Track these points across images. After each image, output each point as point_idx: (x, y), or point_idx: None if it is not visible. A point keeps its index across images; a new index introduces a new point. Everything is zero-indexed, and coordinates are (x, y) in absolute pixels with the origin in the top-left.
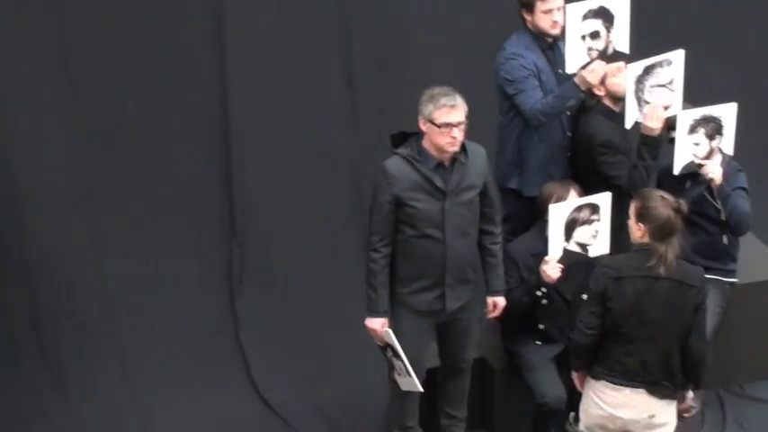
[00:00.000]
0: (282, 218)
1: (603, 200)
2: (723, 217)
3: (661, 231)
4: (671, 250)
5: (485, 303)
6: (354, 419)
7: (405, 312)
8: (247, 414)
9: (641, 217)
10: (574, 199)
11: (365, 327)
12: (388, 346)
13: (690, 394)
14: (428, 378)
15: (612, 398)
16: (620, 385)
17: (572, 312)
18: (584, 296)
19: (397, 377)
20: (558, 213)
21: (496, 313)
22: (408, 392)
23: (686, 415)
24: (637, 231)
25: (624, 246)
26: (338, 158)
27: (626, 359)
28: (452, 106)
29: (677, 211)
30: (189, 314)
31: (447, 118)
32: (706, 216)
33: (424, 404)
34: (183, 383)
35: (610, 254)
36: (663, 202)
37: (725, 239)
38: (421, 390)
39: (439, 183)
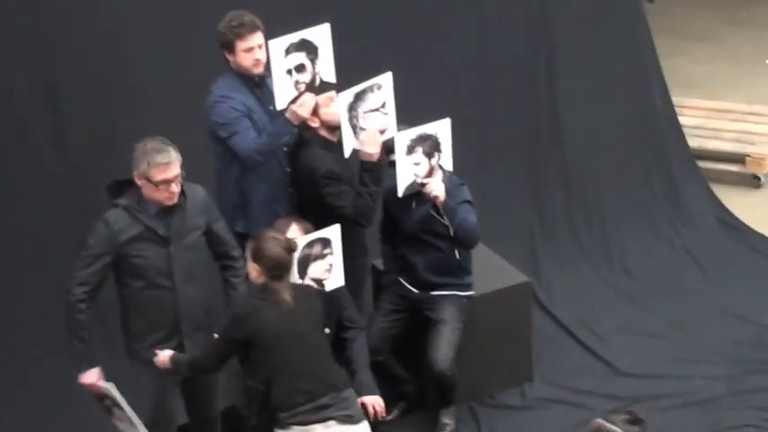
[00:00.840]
0: None
1: (333, 233)
2: (452, 233)
3: (274, 270)
4: (285, 289)
5: None
6: None
7: (145, 370)
8: None
9: (255, 257)
10: (302, 236)
11: (81, 384)
12: (107, 397)
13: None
14: None
15: None
16: (310, 424)
17: None
18: (326, 330)
19: (116, 423)
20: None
21: None
22: None
23: None
24: (253, 271)
25: (356, 277)
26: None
27: (304, 383)
28: (167, 163)
29: (289, 249)
30: None
31: (163, 175)
32: (435, 233)
33: None
34: None
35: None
36: (274, 242)
37: (457, 254)
38: None
39: (162, 231)
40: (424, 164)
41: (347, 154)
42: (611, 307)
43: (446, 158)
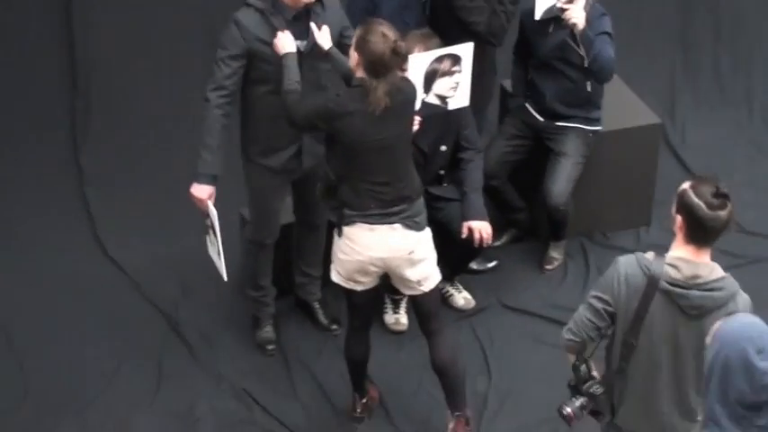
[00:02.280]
0: (130, 70)
1: (465, 51)
2: (586, 63)
3: (373, 66)
4: (382, 87)
5: None
6: (206, 278)
7: (257, 171)
8: (93, 271)
9: (358, 47)
10: (434, 49)
11: (190, 194)
12: (208, 217)
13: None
14: (282, 234)
15: (369, 239)
16: (376, 224)
17: (428, 164)
18: (443, 148)
19: (207, 240)
20: (417, 64)
21: None
22: (261, 251)
23: (548, 267)
24: (353, 59)
25: (482, 95)
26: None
27: (378, 193)
28: None
29: (395, 51)
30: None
31: None
32: (569, 62)
33: (278, 261)
34: (26, 243)
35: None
36: (382, 39)
37: (588, 86)
38: (225, 278)
39: (294, 37)
40: None
41: None
42: (744, 159)
43: None
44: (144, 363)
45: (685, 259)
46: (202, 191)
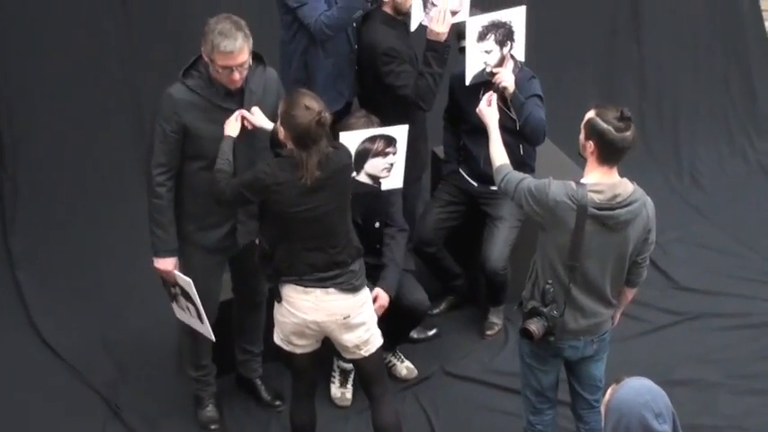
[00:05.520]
0: (58, 148)
1: (400, 133)
2: (518, 127)
3: (300, 139)
4: (313, 158)
5: None
6: (145, 360)
7: (194, 250)
8: (30, 358)
9: (283, 121)
10: (366, 129)
11: (155, 268)
12: (177, 285)
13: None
14: (221, 311)
15: (303, 302)
16: (310, 287)
17: (363, 237)
18: (377, 224)
19: (174, 307)
20: (348, 142)
21: None
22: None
23: (489, 333)
24: (281, 133)
25: (415, 163)
26: (116, 83)
27: (311, 258)
28: (231, 52)
29: (319, 123)
30: None
31: (226, 62)
32: (501, 126)
33: (217, 339)
34: None
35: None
36: (305, 112)
37: (521, 150)
38: (213, 339)
39: (228, 105)
40: (495, 52)
41: (413, 28)
42: (676, 217)
43: (519, 48)
44: None
45: (604, 183)
46: (167, 263)
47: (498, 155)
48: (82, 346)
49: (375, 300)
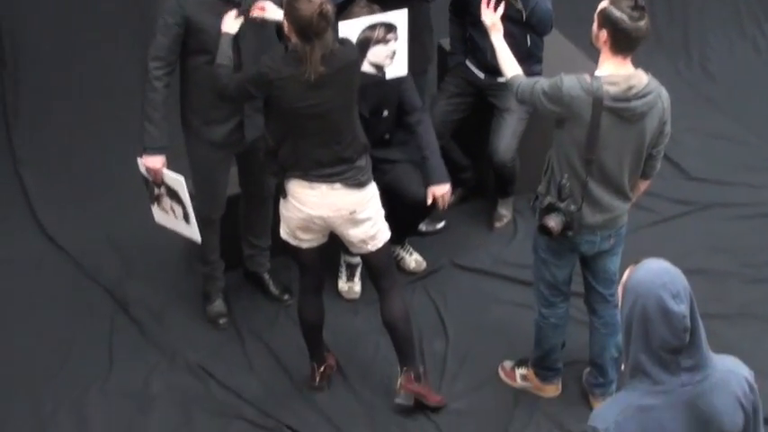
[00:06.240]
0: (62, 44)
1: (399, 18)
2: (525, 17)
3: (303, 32)
4: (316, 52)
5: None
6: (151, 256)
7: (199, 144)
8: (33, 254)
9: (286, 13)
10: (365, 16)
11: (142, 164)
12: (163, 184)
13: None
14: (228, 206)
15: (309, 196)
16: (315, 182)
17: (371, 130)
18: (385, 113)
19: (154, 209)
20: (348, 32)
21: None
22: (208, 225)
23: (498, 224)
24: (286, 27)
25: (421, 56)
26: None
27: (316, 155)
28: None
29: (321, 14)
30: None
31: None
32: (507, 17)
33: (225, 234)
34: None
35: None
36: (307, 3)
37: (528, 40)
38: (199, 241)
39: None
40: None
41: None
42: (686, 107)
43: None
44: (95, 343)
45: (618, 75)
46: (155, 161)
47: (507, 66)
48: (87, 242)
49: (436, 199)
